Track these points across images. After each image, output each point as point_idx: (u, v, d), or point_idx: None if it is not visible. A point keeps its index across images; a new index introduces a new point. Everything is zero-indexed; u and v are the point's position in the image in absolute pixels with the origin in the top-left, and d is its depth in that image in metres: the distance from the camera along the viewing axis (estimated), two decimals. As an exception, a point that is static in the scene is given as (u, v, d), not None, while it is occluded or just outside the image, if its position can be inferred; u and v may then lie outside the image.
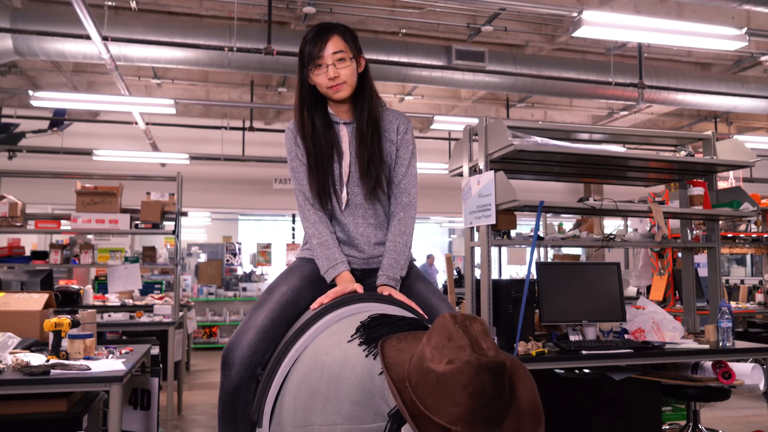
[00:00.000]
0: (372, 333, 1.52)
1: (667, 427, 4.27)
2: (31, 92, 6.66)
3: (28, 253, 5.22)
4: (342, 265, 1.94)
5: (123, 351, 2.91)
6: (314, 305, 1.83)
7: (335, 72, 1.93)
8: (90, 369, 2.44)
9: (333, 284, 1.93)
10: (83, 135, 9.88)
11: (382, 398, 1.36)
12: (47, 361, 2.53)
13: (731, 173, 7.11)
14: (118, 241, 9.55)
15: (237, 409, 1.79)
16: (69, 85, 8.53)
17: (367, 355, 1.45)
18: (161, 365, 3.09)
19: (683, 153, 3.89)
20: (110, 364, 2.58)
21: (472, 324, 1.27)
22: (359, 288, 1.87)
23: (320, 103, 2.03)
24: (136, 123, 8.62)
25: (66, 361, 2.54)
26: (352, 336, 1.56)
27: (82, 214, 4.90)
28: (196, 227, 13.68)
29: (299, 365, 1.65)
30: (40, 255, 5.19)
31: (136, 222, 5.05)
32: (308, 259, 2.05)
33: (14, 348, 2.70)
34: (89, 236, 6.83)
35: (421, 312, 1.85)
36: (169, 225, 5.15)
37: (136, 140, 9.82)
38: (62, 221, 5.15)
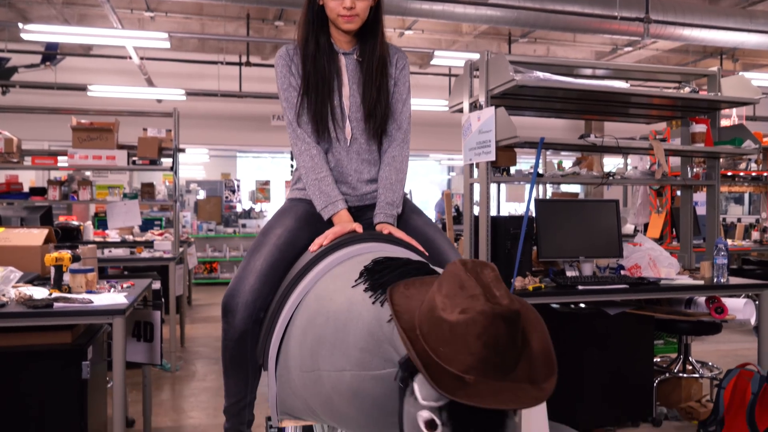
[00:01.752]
0: (377, 278, 1.48)
1: (658, 359, 4.38)
2: (21, 25, 6.48)
3: (26, 189, 5.21)
4: (340, 203, 1.89)
5: (124, 285, 2.94)
6: (313, 247, 1.79)
7: (352, 2, 1.85)
8: (92, 302, 2.48)
9: (329, 223, 1.90)
10: (77, 70, 9.69)
11: (391, 345, 1.34)
12: (50, 294, 2.56)
13: (734, 111, 7.03)
14: (116, 178, 9.52)
15: (246, 354, 1.78)
16: (60, 18, 8.30)
17: (374, 302, 1.42)
18: (163, 299, 3.13)
19: (687, 89, 3.83)
20: (112, 297, 2.61)
21: (483, 270, 1.24)
22: (358, 227, 1.83)
23: (324, 26, 1.95)
24: (130, 58, 8.44)
25: (68, 295, 2.57)
26: (356, 281, 1.52)
27: (78, 150, 4.86)
28: (194, 164, 13.62)
29: (302, 310, 1.63)
30: (38, 191, 5.18)
31: (134, 158, 5.02)
32: (299, 199, 2.00)
33: (16, 282, 2.73)
34: (87, 173, 6.78)
35: (421, 249, 1.83)
36: (166, 162, 5.12)
37: (130, 75, 9.64)
38: (59, 157, 5.11)
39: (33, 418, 2.55)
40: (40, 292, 2.57)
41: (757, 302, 3.40)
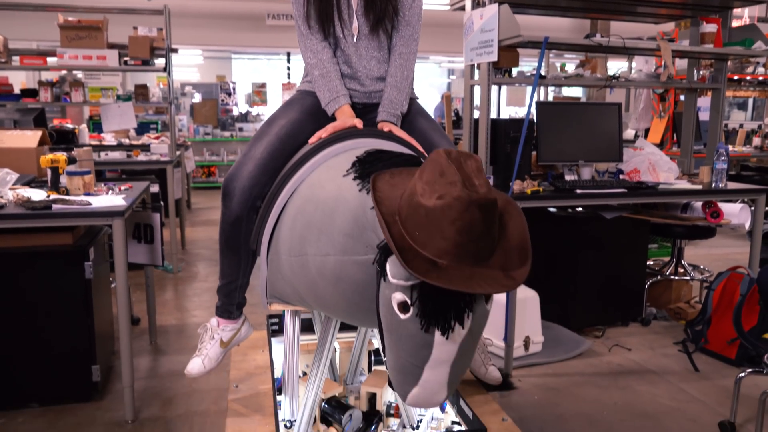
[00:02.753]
0: (367, 168, 1.51)
1: (651, 263, 4.47)
2: None
3: (17, 91, 5.10)
4: (344, 98, 1.89)
5: (122, 188, 2.93)
6: (312, 139, 1.81)
7: None
8: (91, 204, 2.48)
9: (333, 118, 1.90)
10: (61, -36, 9.22)
11: (374, 232, 1.38)
12: (48, 196, 2.55)
13: (746, 11, 6.78)
14: (108, 80, 9.31)
15: (239, 239, 1.85)
16: None
17: (360, 190, 1.46)
18: (162, 203, 3.14)
19: (699, -14, 3.66)
20: (110, 199, 2.61)
21: (466, 161, 1.25)
22: (359, 123, 1.83)
23: None
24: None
25: (66, 197, 2.57)
26: (347, 170, 1.56)
27: (67, 49, 4.71)
28: (188, 66, 13.26)
29: (296, 198, 1.67)
30: (29, 93, 5.08)
31: (125, 59, 4.88)
32: (308, 91, 1.99)
33: (13, 184, 2.72)
34: (78, 74, 6.61)
35: (420, 149, 1.83)
36: (159, 63, 4.99)
37: (118, -30, 9.19)
38: (48, 57, 4.96)
39: (41, 318, 2.62)
40: (38, 194, 2.56)
41: (752, 207, 3.42)
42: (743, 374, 2.61)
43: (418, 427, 1.98)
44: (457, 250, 1.18)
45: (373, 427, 1.94)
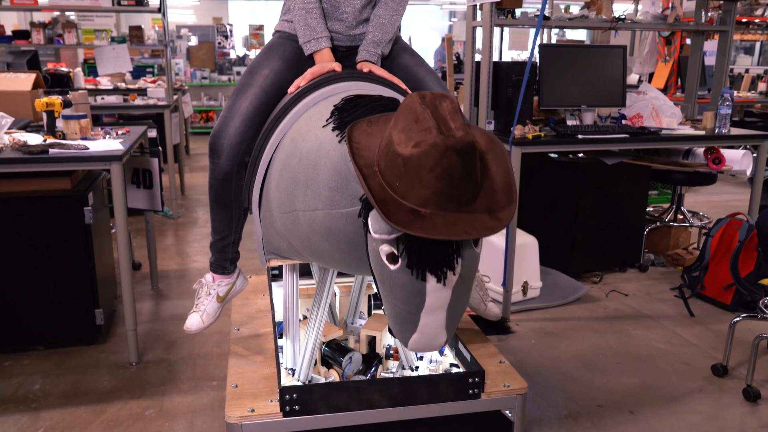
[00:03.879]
0: (345, 117, 1.47)
1: (651, 209, 4.47)
2: None
3: (8, 33, 4.99)
4: (324, 41, 1.80)
5: (120, 132, 2.90)
6: (291, 89, 1.74)
7: None
8: (88, 148, 2.45)
9: (312, 60, 1.82)
10: None
11: (358, 183, 1.35)
12: (44, 140, 2.53)
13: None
14: (102, 22, 9.08)
15: (230, 195, 1.81)
16: None
17: (340, 141, 1.42)
18: (160, 148, 3.11)
19: None
20: (108, 144, 2.58)
21: (441, 103, 1.21)
22: (338, 67, 1.76)
23: None
24: None
25: (63, 141, 2.54)
26: (327, 120, 1.51)
27: (58, -11, 4.59)
28: (184, 7, 12.95)
29: (280, 153, 1.63)
30: (21, 35, 4.97)
31: (118, -1, 4.75)
32: (288, 34, 1.90)
33: (9, 128, 2.69)
34: (71, 15, 6.46)
35: (404, 87, 1.76)
36: (153, 3, 4.86)
37: None
38: (39, -2, 4.84)
39: (43, 262, 2.63)
40: (34, 138, 2.54)
41: (755, 154, 3.39)
42: (738, 319, 2.65)
43: (416, 369, 2.01)
44: (439, 198, 1.15)
45: (373, 369, 1.97)
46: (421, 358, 2.07)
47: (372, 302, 2.41)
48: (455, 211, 1.17)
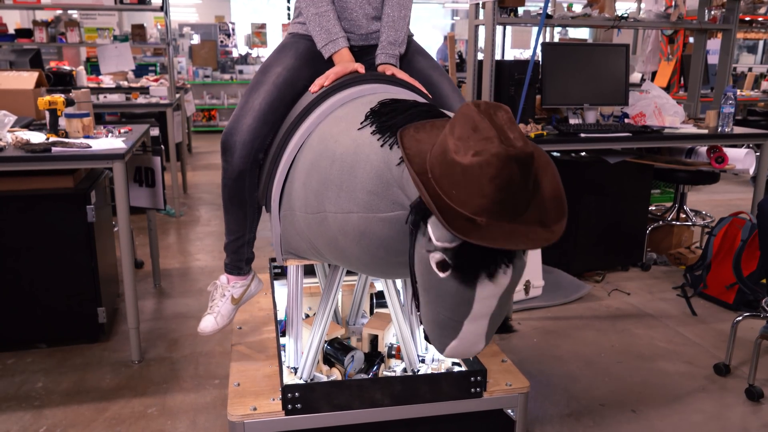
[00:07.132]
0: (385, 121, 1.46)
1: (653, 208, 4.47)
2: None
3: (11, 31, 5.00)
4: (342, 41, 1.81)
5: (122, 130, 2.91)
6: (314, 88, 1.74)
7: None
8: (90, 147, 2.46)
9: (330, 62, 1.83)
10: None
11: (400, 188, 1.34)
12: (47, 139, 2.53)
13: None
14: (104, 20, 9.09)
15: (244, 194, 1.80)
16: None
17: (382, 145, 1.41)
18: (162, 146, 3.12)
19: None
20: (110, 142, 2.59)
21: (497, 113, 1.21)
22: (360, 68, 1.76)
23: None
24: None
25: (66, 139, 2.55)
26: (362, 123, 1.50)
27: (61, -13, 4.60)
28: (186, 6, 12.96)
29: (306, 152, 1.61)
30: (24, 33, 4.98)
31: (120, -3, 4.76)
32: (301, 34, 1.91)
33: (11, 126, 2.69)
34: (74, 14, 6.47)
35: (425, 91, 1.78)
36: (156, 1, 4.87)
37: None
38: (41, -4, 4.84)
39: (45, 260, 2.64)
40: (37, 137, 2.54)
41: (758, 153, 3.38)
42: (740, 318, 2.64)
43: (418, 370, 2.01)
44: (496, 207, 1.15)
45: (375, 367, 1.97)
46: (423, 361, 2.07)
47: (374, 301, 2.41)
48: (509, 222, 1.17)
